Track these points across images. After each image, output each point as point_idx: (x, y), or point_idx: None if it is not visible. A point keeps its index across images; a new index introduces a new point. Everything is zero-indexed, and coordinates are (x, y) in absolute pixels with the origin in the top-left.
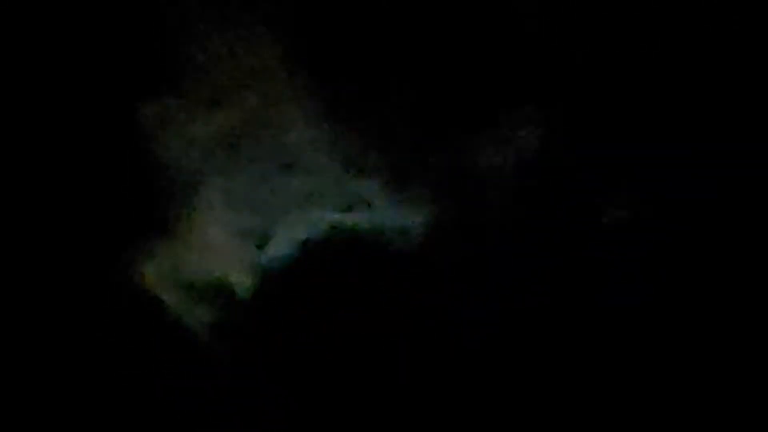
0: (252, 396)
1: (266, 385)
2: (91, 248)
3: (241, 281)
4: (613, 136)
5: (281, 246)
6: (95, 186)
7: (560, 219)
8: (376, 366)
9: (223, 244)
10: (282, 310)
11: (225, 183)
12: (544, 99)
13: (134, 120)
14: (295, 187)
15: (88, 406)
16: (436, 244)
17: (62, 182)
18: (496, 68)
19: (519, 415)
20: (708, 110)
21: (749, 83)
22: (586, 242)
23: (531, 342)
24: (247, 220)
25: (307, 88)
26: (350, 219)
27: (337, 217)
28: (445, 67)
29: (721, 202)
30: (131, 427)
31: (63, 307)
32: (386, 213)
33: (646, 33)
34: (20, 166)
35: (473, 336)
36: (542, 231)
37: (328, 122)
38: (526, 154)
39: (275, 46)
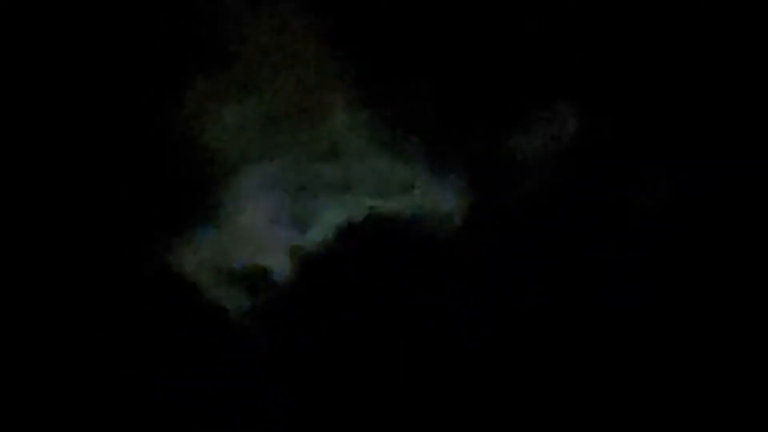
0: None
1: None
2: (131, 234)
3: (279, 265)
4: (624, 135)
5: (320, 231)
6: (135, 174)
7: (574, 216)
8: (392, 360)
9: (261, 229)
10: (319, 294)
11: (263, 168)
12: (571, 96)
13: (171, 108)
14: (333, 172)
15: (105, 391)
16: (473, 229)
17: (103, 171)
18: (531, 63)
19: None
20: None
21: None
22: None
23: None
24: (286, 205)
25: (345, 73)
26: (389, 204)
27: (376, 201)
28: (485, 55)
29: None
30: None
31: (105, 291)
32: (425, 198)
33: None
34: (63, 156)
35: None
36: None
37: (367, 107)
38: (557, 145)
39: (312, 32)
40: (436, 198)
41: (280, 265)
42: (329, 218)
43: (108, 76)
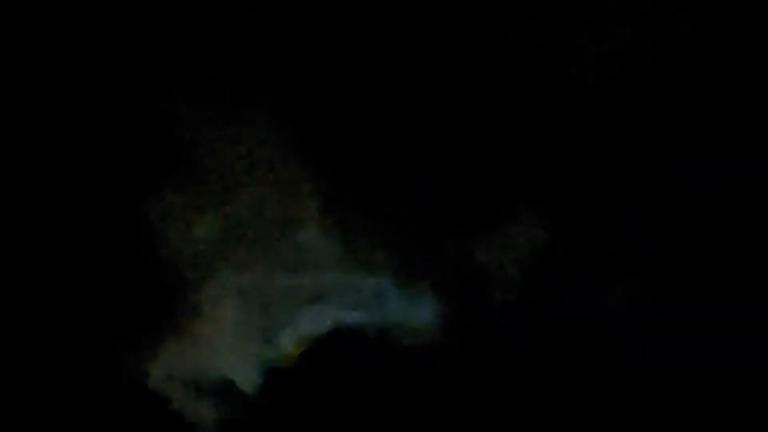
0: None
1: None
2: (97, 346)
3: (247, 378)
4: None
5: (288, 342)
6: (101, 284)
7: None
8: None
9: (229, 341)
10: (287, 408)
11: (231, 280)
12: (544, 200)
13: (139, 218)
14: (302, 284)
15: None
16: (443, 342)
17: (69, 281)
18: (499, 171)
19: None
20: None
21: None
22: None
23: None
24: (254, 317)
25: (313, 184)
26: (358, 316)
27: (344, 314)
28: (452, 166)
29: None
30: None
31: (70, 406)
32: (394, 310)
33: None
34: (28, 265)
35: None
36: (528, 343)
37: (335, 218)
38: (529, 252)
39: (279, 142)
40: (406, 310)
41: (247, 377)
42: (298, 330)
43: (75, 187)
